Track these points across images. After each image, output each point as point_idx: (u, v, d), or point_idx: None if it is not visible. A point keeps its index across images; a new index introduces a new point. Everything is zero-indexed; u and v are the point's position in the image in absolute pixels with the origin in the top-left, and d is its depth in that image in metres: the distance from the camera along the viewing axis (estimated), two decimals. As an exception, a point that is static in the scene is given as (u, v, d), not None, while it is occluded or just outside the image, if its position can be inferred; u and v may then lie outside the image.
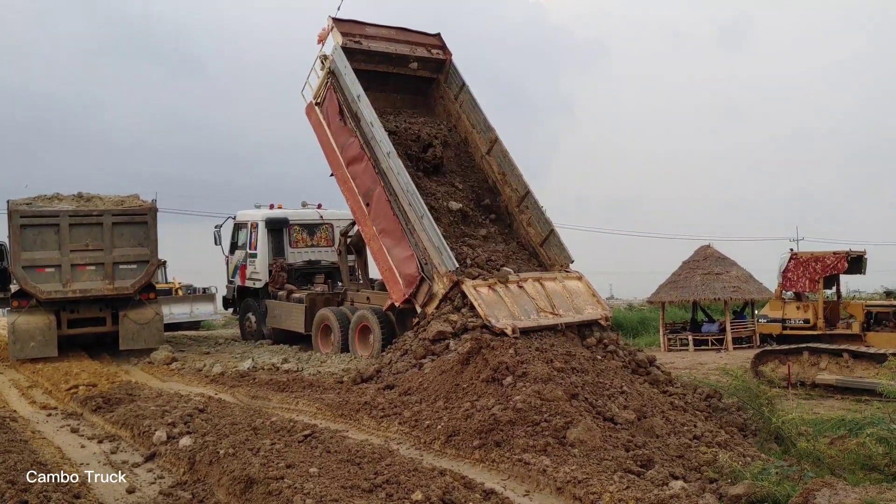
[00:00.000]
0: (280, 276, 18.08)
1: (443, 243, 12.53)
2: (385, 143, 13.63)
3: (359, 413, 9.23)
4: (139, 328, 16.25)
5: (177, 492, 6.48)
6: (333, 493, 5.49)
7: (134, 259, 16.24)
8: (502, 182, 15.30)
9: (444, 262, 12.42)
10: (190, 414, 8.83)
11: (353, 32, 15.21)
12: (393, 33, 15.94)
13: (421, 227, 12.91)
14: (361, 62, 15.29)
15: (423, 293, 12.85)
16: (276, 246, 18.65)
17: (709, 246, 22.00)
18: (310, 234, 19.22)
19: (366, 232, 14.55)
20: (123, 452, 8.08)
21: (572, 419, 7.46)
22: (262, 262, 18.51)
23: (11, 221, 15.42)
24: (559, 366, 9.07)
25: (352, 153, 14.46)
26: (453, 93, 16.23)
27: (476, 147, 15.83)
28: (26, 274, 15.42)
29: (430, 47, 16.22)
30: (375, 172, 13.84)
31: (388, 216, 13.58)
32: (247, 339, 19.37)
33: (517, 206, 15.02)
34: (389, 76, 16.18)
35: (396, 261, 13.45)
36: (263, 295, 18.61)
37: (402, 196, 13.29)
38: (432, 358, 11.04)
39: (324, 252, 19.13)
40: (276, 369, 13.61)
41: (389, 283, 13.74)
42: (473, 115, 15.83)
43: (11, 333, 15.58)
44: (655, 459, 7.00)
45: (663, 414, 8.87)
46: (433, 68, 16.42)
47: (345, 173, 14.74)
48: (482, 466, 7.05)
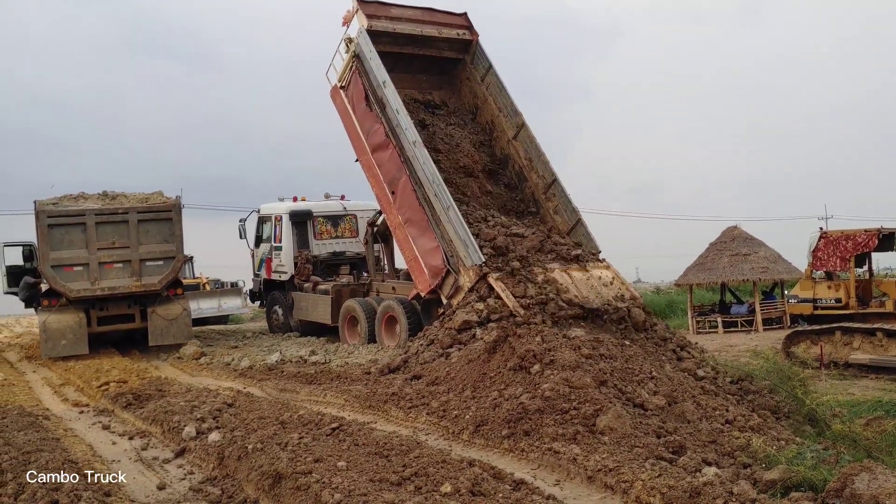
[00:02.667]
0: (305, 268, 18.17)
1: (469, 236, 12.46)
2: (411, 132, 13.52)
3: (386, 404, 9.22)
4: (167, 324, 16.40)
5: (206, 487, 6.49)
6: (361, 487, 5.46)
7: (160, 255, 16.36)
8: (529, 168, 15.16)
9: (469, 255, 12.37)
10: (219, 409, 8.86)
11: (378, 14, 15.05)
12: (419, 14, 15.75)
13: (447, 218, 12.84)
14: (387, 44, 15.14)
15: (448, 285, 12.83)
16: (301, 238, 18.73)
17: (736, 227, 21.68)
18: (333, 226, 19.30)
19: (391, 220, 14.54)
20: (154, 449, 8.13)
21: (602, 406, 7.37)
22: (287, 254, 18.59)
23: (39, 222, 15.60)
24: (587, 352, 8.96)
25: (377, 140, 14.37)
26: (479, 74, 16.05)
27: (502, 131, 15.64)
28: (55, 273, 15.59)
29: (456, 27, 16.00)
30: (401, 160, 13.74)
31: (414, 206, 13.51)
32: (274, 332, 19.48)
33: (544, 194, 14.89)
34: (415, 57, 16.02)
35: (422, 251, 13.41)
36: (289, 287, 18.69)
37: (428, 186, 13.22)
38: (459, 347, 11.03)
39: (348, 243, 19.21)
40: (304, 362, 13.66)
41: (415, 273, 13.74)
42: (500, 98, 15.64)
43: (43, 332, 15.78)
44: (687, 445, 6.89)
45: (694, 399, 8.74)
46: (459, 49, 16.23)
47: (370, 160, 14.68)
48: (511, 456, 7.00)
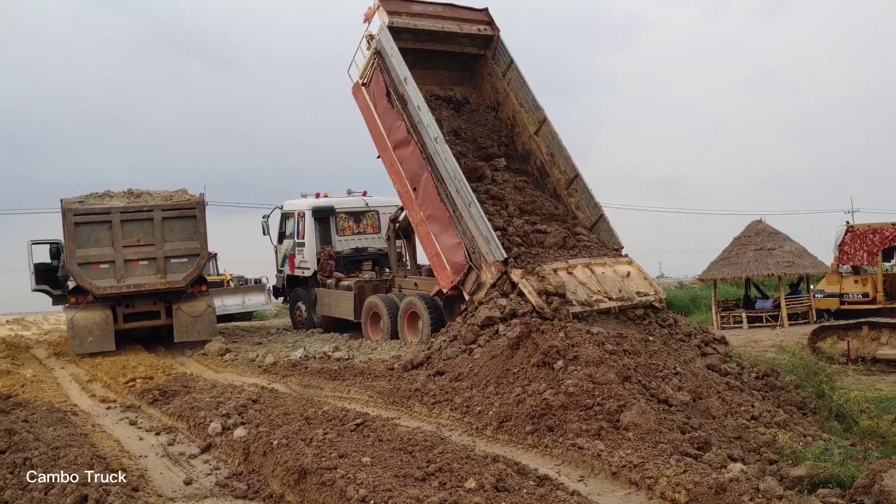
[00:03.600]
0: (328, 264, 18.24)
1: (491, 232, 12.46)
2: (432, 128, 13.53)
3: (410, 400, 9.24)
4: (192, 320, 16.53)
5: (232, 483, 6.55)
6: (386, 483, 5.47)
7: (184, 253, 16.50)
8: (550, 164, 15.14)
9: (491, 251, 12.37)
10: (244, 405, 8.91)
11: (399, 10, 15.09)
12: (440, 10, 15.76)
13: (468, 214, 12.84)
14: (408, 41, 15.17)
15: (470, 281, 12.84)
16: (323, 234, 18.81)
17: (760, 221, 21.53)
18: (356, 222, 19.34)
19: (413, 217, 14.58)
20: (180, 444, 8.20)
21: (626, 402, 7.35)
22: (310, 250, 18.69)
23: (65, 220, 15.78)
24: (611, 348, 8.93)
25: (399, 136, 14.40)
26: (501, 69, 16.05)
27: (524, 127, 15.64)
28: (82, 271, 15.77)
29: (477, 23, 16.00)
30: (423, 157, 13.76)
31: (436, 202, 13.54)
32: (297, 327, 19.60)
33: (566, 189, 14.85)
34: (436, 53, 16.03)
35: (444, 247, 13.44)
36: (312, 283, 18.80)
37: (450, 182, 13.22)
38: (482, 343, 11.02)
39: (370, 239, 19.25)
40: (328, 358, 13.70)
41: (437, 269, 13.77)
42: (522, 94, 15.64)
43: (70, 329, 15.96)
44: (712, 441, 6.85)
45: (719, 394, 8.69)
46: (480, 44, 16.25)
47: (392, 156, 14.71)
48: (535, 452, 6.99)
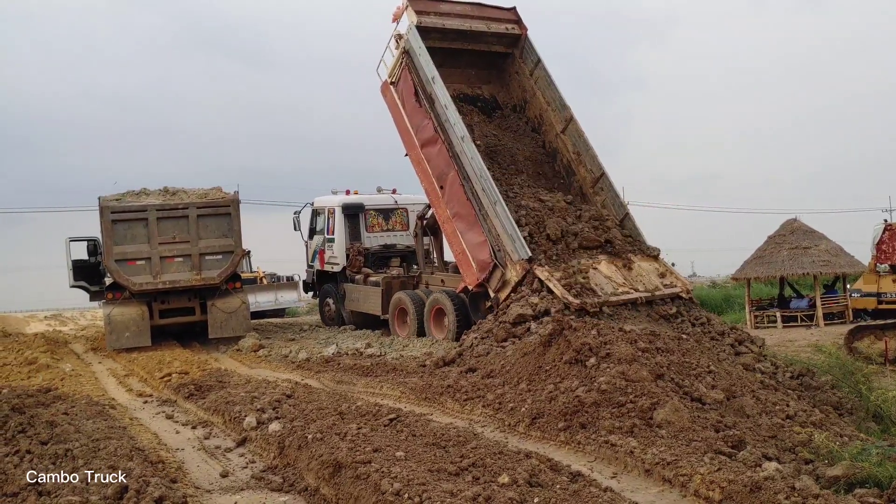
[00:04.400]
0: (357, 259, 18.44)
1: (516, 231, 12.54)
2: (459, 127, 13.64)
3: (442, 396, 9.28)
4: (227, 317, 16.72)
5: (268, 476, 6.64)
6: (420, 477, 5.52)
7: (219, 250, 16.69)
8: (577, 162, 15.18)
9: (516, 249, 12.46)
10: (278, 400, 9.01)
11: (427, 10, 15.20)
12: (468, 9, 15.86)
13: (494, 213, 12.93)
14: (436, 40, 15.31)
15: (496, 279, 12.93)
16: (353, 230, 19.02)
17: (796, 219, 21.25)
18: (385, 219, 19.52)
19: (440, 214, 14.70)
20: (216, 438, 8.32)
21: (659, 400, 7.33)
22: (340, 246, 18.89)
23: (103, 217, 16.03)
24: (643, 346, 8.91)
25: (426, 135, 14.54)
26: (528, 68, 16.13)
27: (550, 125, 15.69)
28: (119, 267, 16.01)
29: (505, 22, 16.09)
30: (449, 156, 13.89)
31: (462, 200, 13.66)
32: (326, 322, 19.88)
33: (592, 188, 14.87)
34: (464, 51, 16.13)
35: (470, 245, 13.55)
36: (341, 279, 19.03)
37: (476, 181, 13.31)
38: (513, 341, 11.05)
39: (399, 236, 19.43)
40: (360, 354, 13.80)
41: (463, 266, 13.90)
42: (549, 92, 15.69)
43: (108, 324, 16.22)
44: (747, 440, 6.81)
45: (753, 393, 8.64)
46: (508, 43, 16.32)
47: (419, 154, 14.85)
48: (568, 448, 7.00)
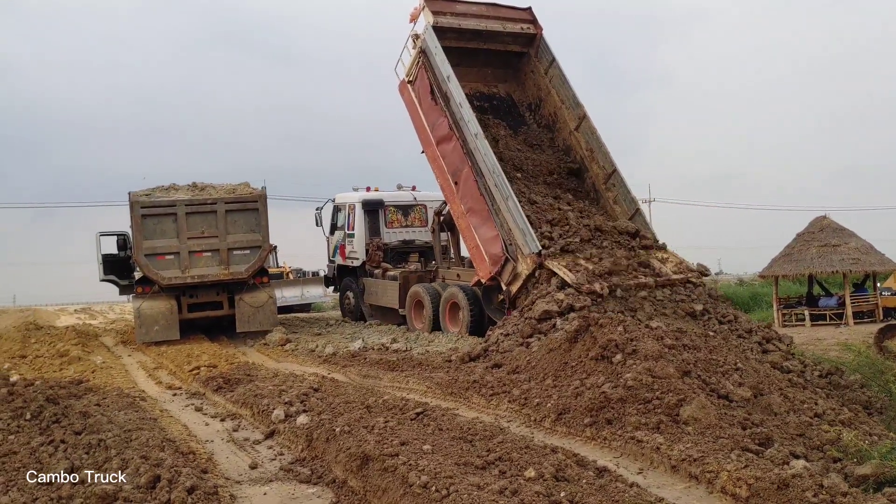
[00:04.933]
0: (376, 254, 18.87)
1: (527, 225, 12.83)
2: (473, 124, 13.97)
3: (468, 391, 9.33)
4: (254, 311, 16.89)
5: (296, 468, 6.72)
6: (447, 470, 5.56)
7: (247, 245, 16.86)
8: (590, 159, 15.52)
9: (527, 243, 12.74)
10: (305, 393, 9.10)
11: (444, 11, 15.55)
12: (484, 9, 16.17)
13: (506, 208, 13.25)
14: (452, 39, 15.64)
15: (507, 272, 13.25)
16: (372, 226, 19.43)
17: (825, 217, 21.04)
18: (404, 215, 19.96)
19: (454, 210, 15.07)
20: (244, 430, 8.43)
21: (685, 397, 7.31)
22: (360, 241, 19.32)
23: (133, 212, 16.25)
24: (670, 343, 8.89)
25: (442, 132, 14.87)
26: (543, 67, 16.43)
27: (564, 123, 16.03)
28: (148, 261, 16.22)
29: (520, 22, 16.38)
30: (464, 152, 14.23)
31: (475, 196, 14.00)
32: (346, 315, 20.39)
33: (604, 184, 15.23)
34: (480, 51, 16.45)
35: (483, 239, 13.91)
36: (361, 273, 19.47)
37: (489, 177, 13.64)
38: (539, 337, 11.09)
39: (418, 232, 19.84)
40: (386, 349, 13.89)
41: (476, 260, 14.26)
42: (563, 91, 16.00)
43: (137, 318, 16.43)
44: (774, 438, 6.78)
45: (781, 391, 8.59)
46: (524, 42, 16.63)
47: (435, 151, 15.22)
48: (594, 444, 7.02)
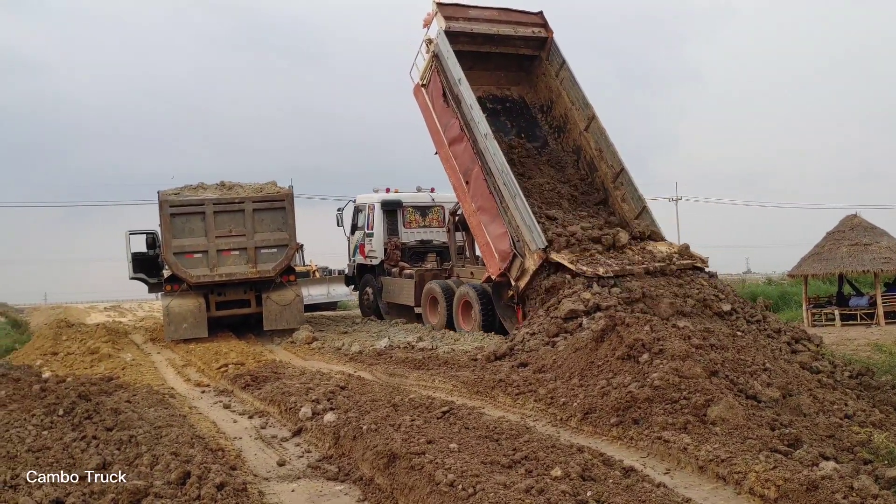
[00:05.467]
0: (394, 253, 19.47)
1: (533, 222, 13.25)
2: (483, 125, 14.45)
3: (494, 390, 9.34)
4: (281, 309, 17.01)
5: (324, 465, 6.78)
6: (474, 469, 5.58)
7: (274, 243, 16.99)
8: (599, 158, 15.97)
9: (534, 239, 13.14)
10: (332, 391, 9.16)
11: (456, 16, 16.07)
12: (495, 14, 16.70)
13: (514, 205, 13.67)
14: (465, 43, 16.17)
15: (515, 268, 13.65)
16: (391, 226, 20.05)
17: (856, 215, 20.75)
18: (422, 216, 20.51)
19: (466, 208, 15.56)
20: (272, 427, 8.50)
21: (713, 397, 7.27)
22: (378, 240, 19.95)
23: (162, 211, 16.41)
24: (697, 342, 8.84)
25: (453, 133, 15.35)
26: (554, 70, 16.90)
27: (575, 124, 16.50)
28: (177, 260, 16.38)
29: (532, 26, 16.89)
30: (474, 152, 14.70)
31: (485, 194, 14.44)
32: (365, 312, 21.08)
33: (612, 182, 15.67)
34: (493, 54, 16.99)
35: (492, 237, 14.36)
36: (379, 272, 20.09)
37: (498, 176, 14.08)
38: (565, 336, 11.10)
39: (435, 232, 20.39)
40: (412, 347, 13.95)
41: (486, 257, 14.71)
42: (573, 92, 16.49)
43: (166, 316, 16.62)
44: (803, 439, 6.72)
45: (810, 392, 8.51)
46: (535, 46, 17.15)
47: (447, 152, 15.72)
48: (620, 444, 7.00)
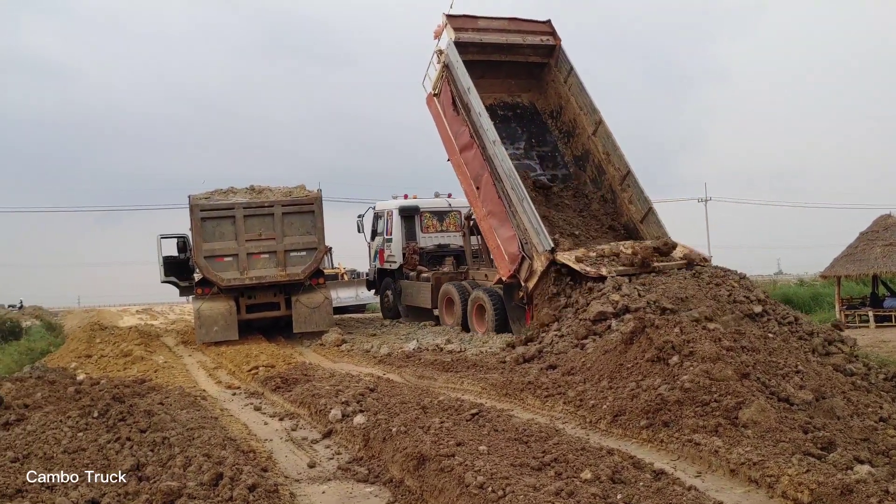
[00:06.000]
0: (412, 258, 19.90)
1: (540, 225, 13.66)
2: (491, 132, 14.89)
3: (523, 392, 9.34)
4: (310, 312, 17.14)
5: (354, 467, 6.81)
6: (503, 471, 5.58)
7: (303, 246, 17.13)
8: (606, 162, 16.37)
9: (541, 241, 13.52)
10: (362, 393, 9.20)
11: (465, 27, 16.56)
12: (504, 24, 17.17)
13: (522, 209, 14.09)
14: (475, 53, 16.71)
15: (524, 269, 14.08)
16: (409, 231, 20.53)
17: (889, 215, 20.49)
18: (439, 221, 20.97)
19: (477, 213, 16.03)
20: (302, 429, 8.56)
21: (744, 399, 7.20)
22: (397, 245, 20.46)
23: (193, 215, 16.60)
24: (728, 344, 8.75)
25: (464, 140, 15.82)
26: (563, 76, 17.39)
27: (583, 128, 16.92)
28: (208, 263, 16.56)
29: (540, 34, 17.38)
30: (483, 158, 15.17)
31: (494, 199, 14.89)
32: (385, 315, 21.57)
33: (619, 185, 16.06)
34: (503, 63, 17.49)
35: (502, 239, 14.78)
36: (398, 276, 20.56)
37: (506, 180, 14.52)
38: (594, 338, 11.06)
39: (453, 237, 20.84)
40: (440, 350, 13.98)
41: (497, 259, 15.14)
42: (581, 98, 16.92)
43: (197, 319, 16.79)
44: (837, 442, 6.64)
45: (844, 394, 8.40)
46: (544, 53, 17.61)
47: (459, 159, 16.21)
48: (650, 446, 6.96)
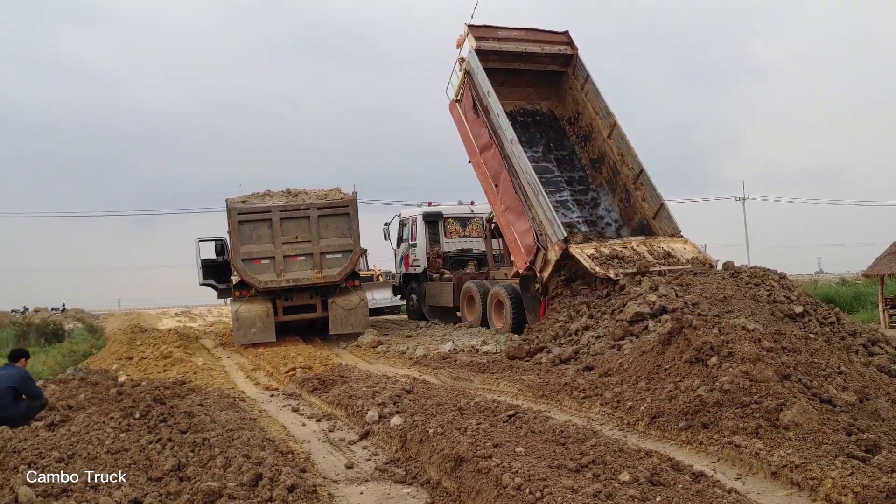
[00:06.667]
0: (436, 261, 20.69)
1: (554, 216, 14.43)
2: (509, 132, 15.70)
3: (559, 394, 9.30)
4: (346, 313, 17.27)
5: (391, 468, 6.84)
6: (541, 473, 5.56)
7: (339, 248, 17.27)
8: (621, 162, 17.15)
9: (555, 232, 14.22)
10: (398, 394, 9.23)
11: (486, 36, 17.52)
12: (523, 34, 18.11)
13: (537, 202, 14.83)
14: (495, 61, 17.64)
15: (539, 260, 14.75)
16: (433, 237, 21.35)
17: (935, 212, 20.07)
18: (462, 226, 21.78)
19: (496, 209, 16.87)
20: (340, 430, 8.62)
21: (785, 401, 7.10)
22: (421, 250, 21.36)
23: (230, 218, 16.80)
24: (768, 345, 8.63)
25: (483, 141, 16.70)
26: (580, 84, 18.27)
27: (599, 132, 17.71)
28: (245, 266, 16.75)
29: (558, 44, 18.27)
30: (501, 157, 15.97)
31: (512, 194, 15.65)
32: (411, 316, 22.42)
33: (633, 184, 16.79)
34: (523, 72, 18.40)
35: (519, 233, 15.52)
36: (422, 279, 21.36)
37: (522, 177, 15.28)
38: (631, 339, 11.02)
39: (475, 242, 21.58)
40: (476, 351, 14.00)
41: (514, 253, 15.91)
42: (597, 103, 17.79)
43: (235, 321, 16.99)
44: (882, 445, 6.50)
45: (889, 396, 8.23)
46: (562, 62, 18.55)
47: (479, 160, 17.08)
48: (689, 448, 6.90)
